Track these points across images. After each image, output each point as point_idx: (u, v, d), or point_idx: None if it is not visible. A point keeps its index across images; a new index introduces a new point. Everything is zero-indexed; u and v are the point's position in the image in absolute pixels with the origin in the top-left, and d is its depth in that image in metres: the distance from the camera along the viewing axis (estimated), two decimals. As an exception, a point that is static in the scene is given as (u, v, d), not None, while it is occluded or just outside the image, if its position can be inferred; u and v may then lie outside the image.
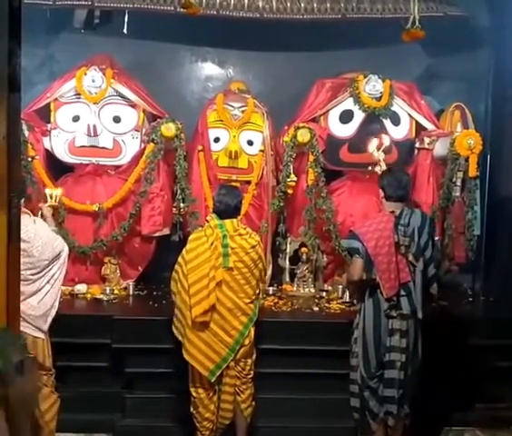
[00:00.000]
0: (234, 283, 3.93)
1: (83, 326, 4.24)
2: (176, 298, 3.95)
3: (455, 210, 5.25)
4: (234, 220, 4.02)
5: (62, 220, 5.03)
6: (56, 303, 3.74)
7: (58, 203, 4.73)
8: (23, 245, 3.50)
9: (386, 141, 5.10)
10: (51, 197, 4.64)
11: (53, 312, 3.72)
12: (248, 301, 3.97)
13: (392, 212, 3.97)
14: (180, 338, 3.97)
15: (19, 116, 2.01)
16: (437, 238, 4.49)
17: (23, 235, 3.50)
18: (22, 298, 3.52)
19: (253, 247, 3.99)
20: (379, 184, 4.09)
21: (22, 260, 3.49)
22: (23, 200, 3.74)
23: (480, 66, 5.97)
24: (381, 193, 4.08)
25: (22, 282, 3.48)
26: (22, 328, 3.57)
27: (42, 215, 4.30)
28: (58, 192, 4.75)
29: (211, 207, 4.21)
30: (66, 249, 3.81)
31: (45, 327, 3.69)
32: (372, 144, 5.07)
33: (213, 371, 3.93)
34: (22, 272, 3.47)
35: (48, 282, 3.68)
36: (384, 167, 4.81)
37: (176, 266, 3.97)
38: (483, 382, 4.64)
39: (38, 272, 3.61)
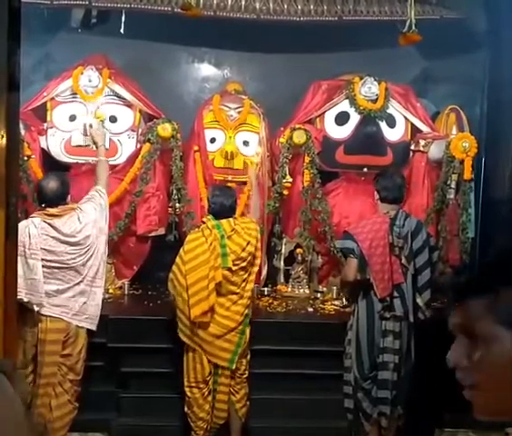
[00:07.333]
0: (235, 277, 4.00)
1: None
2: (178, 300, 3.97)
3: (449, 212, 5.25)
4: (230, 219, 4.05)
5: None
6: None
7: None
8: (70, 240, 3.75)
9: None
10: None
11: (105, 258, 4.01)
12: (249, 287, 4.06)
13: (387, 213, 4.01)
14: (186, 340, 3.99)
15: (18, 116, 2.02)
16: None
17: (68, 231, 3.75)
18: (71, 285, 3.80)
19: (249, 243, 4.02)
20: (375, 186, 4.13)
21: (69, 249, 3.75)
22: (69, 197, 3.98)
23: (476, 69, 6.00)
24: (376, 195, 4.11)
25: (76, 267, 3.77)
26: (74, 321, 3.80)
27: (91, 126, 4.84)
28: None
29: (207, 208, 4.23)
30: (105, 199, 4.06)
31: (102, 283, 3.95)
32: None
33: (232, 360, 3.99)
34: (72, 259, 3.75)
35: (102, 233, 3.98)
36: None
37: (173, 267, 3.99)
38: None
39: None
